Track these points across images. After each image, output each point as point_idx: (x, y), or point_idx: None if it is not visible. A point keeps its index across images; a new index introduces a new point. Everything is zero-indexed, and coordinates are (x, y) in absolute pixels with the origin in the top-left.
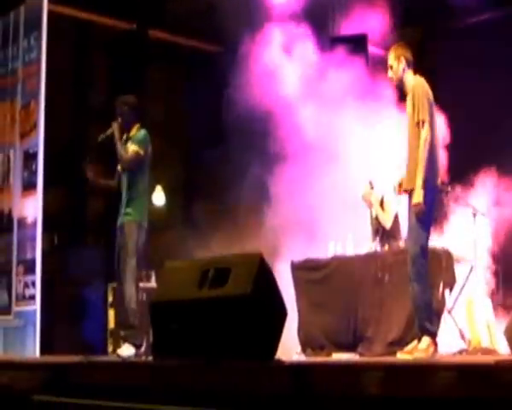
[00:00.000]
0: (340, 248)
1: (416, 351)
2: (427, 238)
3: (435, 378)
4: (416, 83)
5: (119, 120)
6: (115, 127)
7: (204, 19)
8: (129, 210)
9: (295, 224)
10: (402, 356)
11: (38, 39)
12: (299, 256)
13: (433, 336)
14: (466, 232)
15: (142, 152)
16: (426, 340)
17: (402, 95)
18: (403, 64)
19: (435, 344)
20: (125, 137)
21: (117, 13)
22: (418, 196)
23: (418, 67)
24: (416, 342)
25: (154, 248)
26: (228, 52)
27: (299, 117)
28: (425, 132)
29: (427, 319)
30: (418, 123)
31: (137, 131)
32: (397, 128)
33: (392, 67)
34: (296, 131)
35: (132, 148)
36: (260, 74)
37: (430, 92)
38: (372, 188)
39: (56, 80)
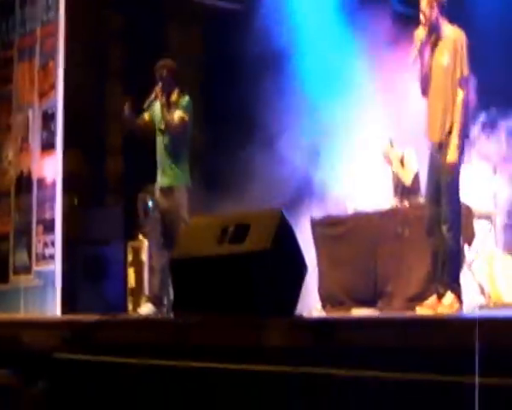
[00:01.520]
0: (360, 204)
1: (439, 306)
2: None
3: (454, 330)
4: (457, 34)
5: (160, 84)
6: (157, 92)
7: None
8: (178, 172)
9: (314, 181)
10: (422, 311)
11: None
12: (319, 213)
13: (459, 293)
14: (486, 186)
15: (187, 118)
16: (450, 296)
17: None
18: (435, 10)
19: (460, 302)
20: (165, 100)
21: None
22: (453, 156)
23: None
24: (435, 296)
25: None
26: (247, 9)
27: (316, 70)
28: (464, 91)
29: (455, 276)
30: (460, 79)
31: (180, 97)
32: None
33: (424, 13)
34: (314, 86)
35: (178, 114)
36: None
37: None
38: (392, 146)
39: (74, 40)
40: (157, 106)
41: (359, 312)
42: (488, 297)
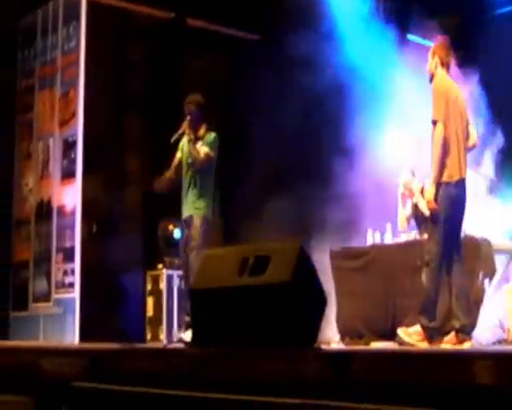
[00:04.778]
0: (379, 236)
1: (413, 334)
2: (443, 233)
3: (470, 367)
4: (437, 81)
5: (188, 118)
6: (185, 126)
7: (244, 7)
8: (198, 205)
9: (333, 212)
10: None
11: (77, 28)
12: (338, 245)
13: (425, 329)
14: (506, 221)
15: (212, 154)
16: (417, 328)
17: None
18: (435, 61)
19: (425, 336)
20: (192, 135)
21: (155, 1)
22: (428, 195)
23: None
24: (452, 334)
25: None
26: (268, 41)
27: (340, 105)
28: (437, 132)
29: (424, 311)
30: (433, 121)
31: (206, 133)
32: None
33: (429, 63)
34: (334, 119)
35: (204, 149)
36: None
37: (450, 89)
38: (413, 176)
39: (95, 69)
40: (184, 141)
41: (378, 345)
42: (508, 332)
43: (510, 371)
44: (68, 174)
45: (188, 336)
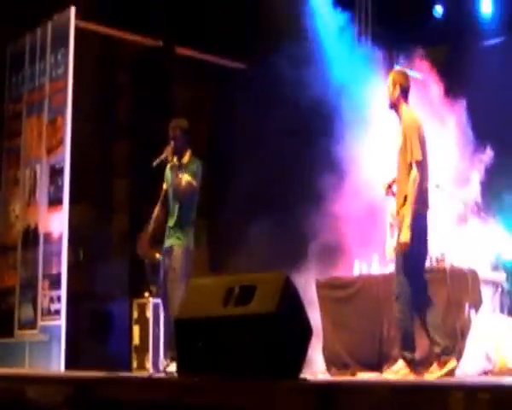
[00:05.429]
0: (366, 267)
1: (398, 372)
2: (413, 266)
3: (449, 398)
4: (407, 119)
5: (172, 143)
6: (169, 152)
7: (231, 36)
8: (179, 235)
9: (321, 242)
10: (429, 376)
11: (65, 55)
12: (325, 274)
13: (409, 362)
14: (494, 251)
15: (195, 184)
16: (400, 363)
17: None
18: (398, 91)
19: (411, 369)
20: (176, 161)
21: (143, 29)
22: (405, 236)
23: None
24: (435, 364)
25: None
26: (255, 70)
27: (323, 136)
28: (414, 172)
29: (404, 345)
30: (410, 163)
31: (190, 160)
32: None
33: (389, 90)
34: (320, 147)
35: (186, 178)
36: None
37: (421, 126)
38: None
39: (83, 96)
40: (168, 167)
41: (364, 376)
42: (494, 363)
43: (482, 403)
44: (55, 201)
45: (172, 369)
